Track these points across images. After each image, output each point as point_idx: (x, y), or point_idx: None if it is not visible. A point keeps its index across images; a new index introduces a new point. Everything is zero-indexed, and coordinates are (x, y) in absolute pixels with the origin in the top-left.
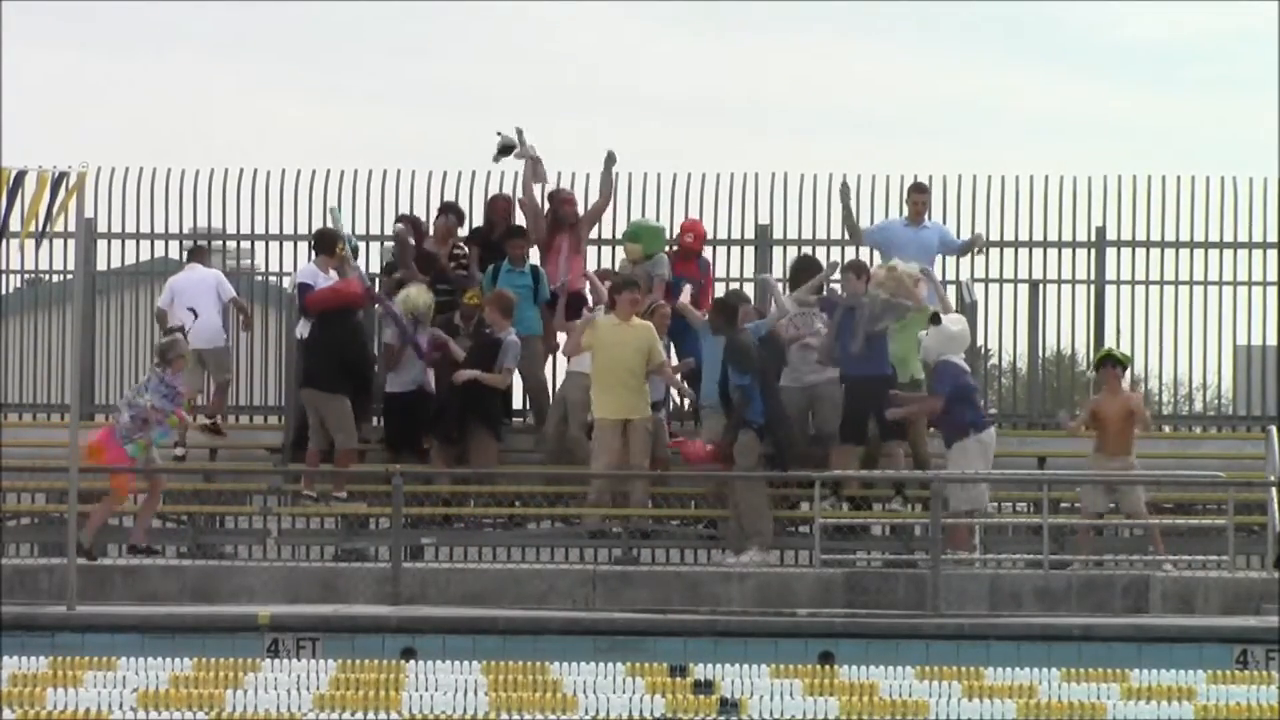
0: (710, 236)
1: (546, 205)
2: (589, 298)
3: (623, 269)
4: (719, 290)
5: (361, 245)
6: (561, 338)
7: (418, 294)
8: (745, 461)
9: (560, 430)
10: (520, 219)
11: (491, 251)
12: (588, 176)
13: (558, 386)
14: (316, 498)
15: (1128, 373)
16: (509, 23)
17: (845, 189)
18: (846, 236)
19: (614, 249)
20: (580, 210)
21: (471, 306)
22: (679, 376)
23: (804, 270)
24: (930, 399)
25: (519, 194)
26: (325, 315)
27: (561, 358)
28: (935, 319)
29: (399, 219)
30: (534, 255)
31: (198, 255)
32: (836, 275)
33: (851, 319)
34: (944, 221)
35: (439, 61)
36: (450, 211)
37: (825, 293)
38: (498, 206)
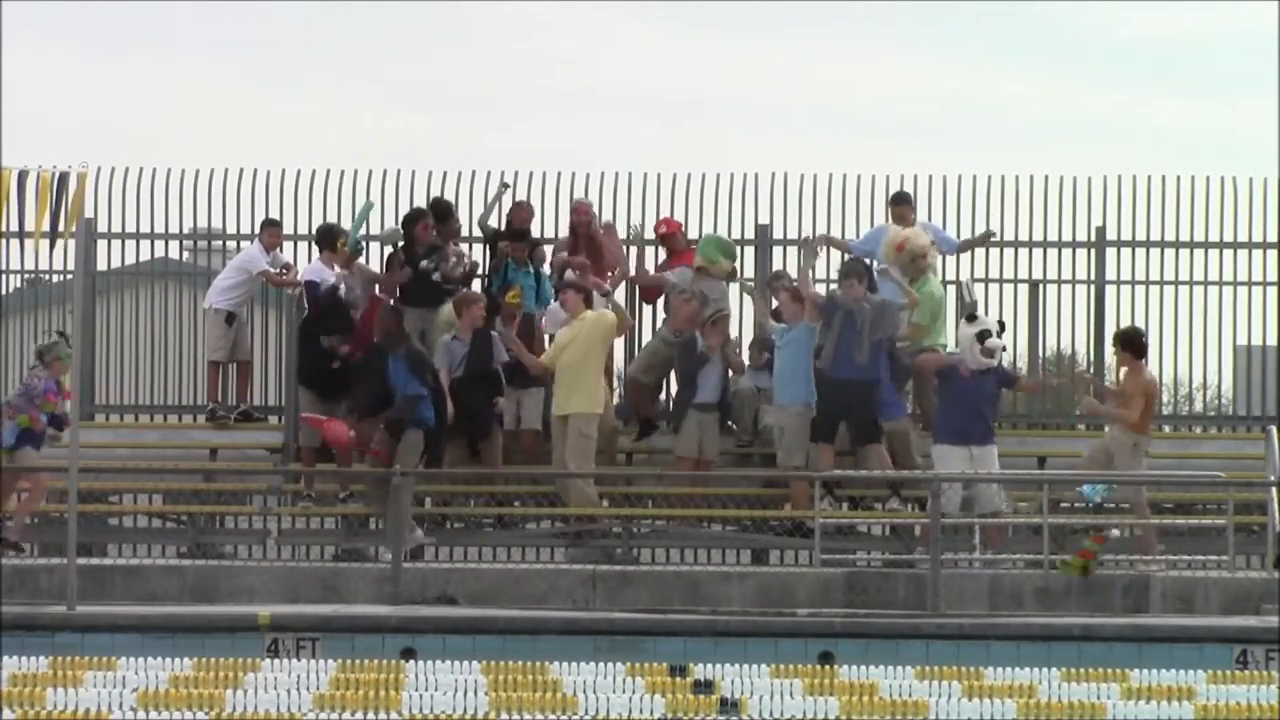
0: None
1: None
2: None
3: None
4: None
5: (367, 246)
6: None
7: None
8: (409, 459)
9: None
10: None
11: (492, 252)
12: (587, 177)
13: None
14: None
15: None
16: (507, 23)
17: (821, 242)
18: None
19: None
20: (598, 224)
21: (513, 306)
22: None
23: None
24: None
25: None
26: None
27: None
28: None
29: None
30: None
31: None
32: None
33: (852, 324)
34: (943, 222)
35: (437, 61)
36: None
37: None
38: (520, 214)
